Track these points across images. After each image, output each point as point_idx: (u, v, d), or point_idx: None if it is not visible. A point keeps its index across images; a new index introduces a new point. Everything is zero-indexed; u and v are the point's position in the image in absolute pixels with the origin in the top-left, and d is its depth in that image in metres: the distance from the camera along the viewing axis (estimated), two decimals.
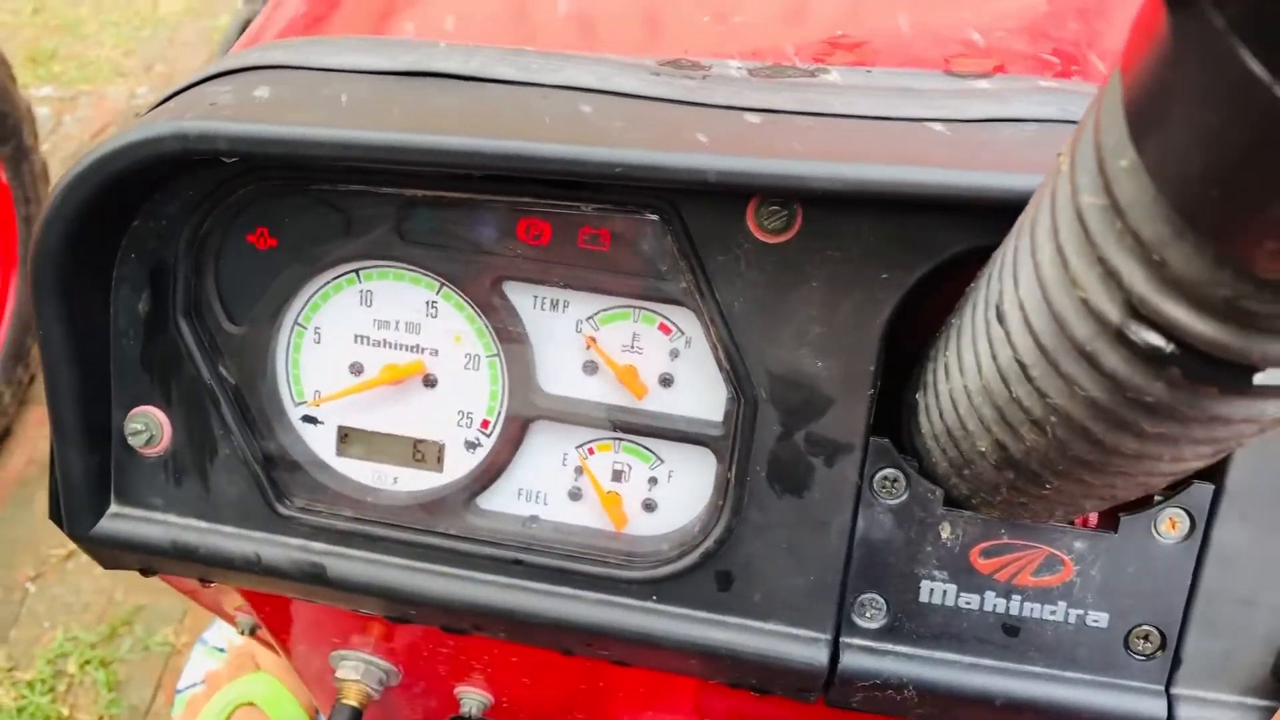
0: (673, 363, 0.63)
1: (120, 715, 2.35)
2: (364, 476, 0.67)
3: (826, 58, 0.63)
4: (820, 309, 0.58)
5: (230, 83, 0.61)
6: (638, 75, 0.60)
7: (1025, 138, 0.54)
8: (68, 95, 3.59)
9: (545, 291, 0.63)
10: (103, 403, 0.66)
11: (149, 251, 0.63)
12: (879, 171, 0.51)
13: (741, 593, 0.62)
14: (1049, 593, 0.60)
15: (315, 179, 0.61)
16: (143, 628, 2.47)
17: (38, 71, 3.64)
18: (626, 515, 0.65)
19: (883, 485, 0.60)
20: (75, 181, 0.57)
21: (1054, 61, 0.63)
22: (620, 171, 0.53)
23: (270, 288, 0.64)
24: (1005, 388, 0.45)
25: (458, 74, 0.60)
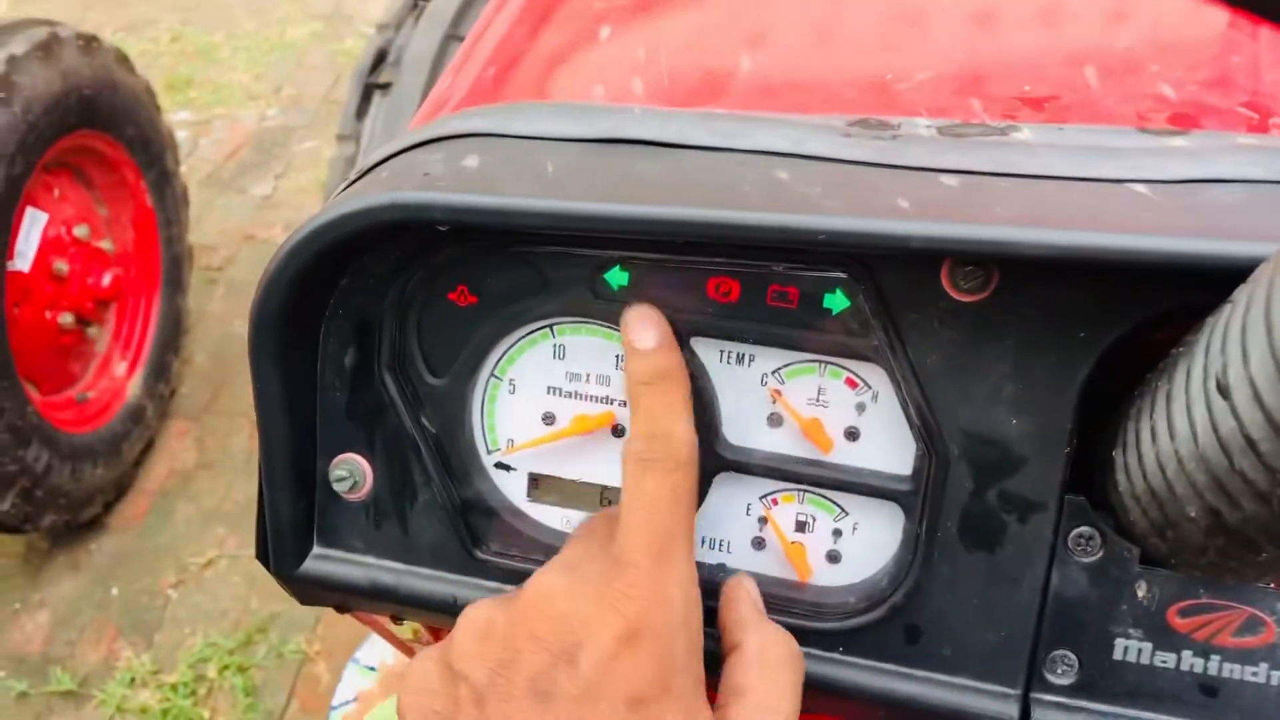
0: (859, 417, 0.64)
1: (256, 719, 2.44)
2: (554, 522, 0.70)
3: (1015, 114, 0.64)
4: (1015, 367, 0.59)
5: (438, 151, 0.64)
6: (829, 137, 0.62)
7: (1234, 201, 0.54)
8: (203, 119, 3.75)
9: (732, 346, 0.64)
10: (309, 451, 0.69)
11: (356, 309, 0.66)
12: (1087, 238, 0.52)
13: (930, 646, 0.63)
14: (1250, 654, 0.59)
15: (516, 241, 0.63)
16: (277, 635, 2.56)
17: (175, 97, 3.80)
18: (811, 566, 0.66)
19: (1077, 543, 0.60)
20: (296, 248, 0.61)
21: (1250, 116, 0.62)
22: (824, 239, 0.54)
23: (469, 342, 0.66)
24: (1226, 459, 0.45)
25: (655, 140, 0.62)
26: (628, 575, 0.56)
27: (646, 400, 0.61)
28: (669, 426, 0.60)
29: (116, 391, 2.80)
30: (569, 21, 0.79)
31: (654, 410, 0.60)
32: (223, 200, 3.49)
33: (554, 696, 0.53)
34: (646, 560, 0.56)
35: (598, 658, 0.54)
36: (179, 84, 3.85)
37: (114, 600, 2.68)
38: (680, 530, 0.58)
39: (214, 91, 3.83)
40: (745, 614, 0.63)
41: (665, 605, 0.56)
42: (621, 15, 0.78)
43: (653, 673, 0.54)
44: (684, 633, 0.56)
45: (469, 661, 0.56)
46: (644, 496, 0.58)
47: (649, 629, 0.55)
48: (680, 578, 0.57)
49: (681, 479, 0.59)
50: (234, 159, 3.61)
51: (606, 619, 0.54)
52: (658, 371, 0.61)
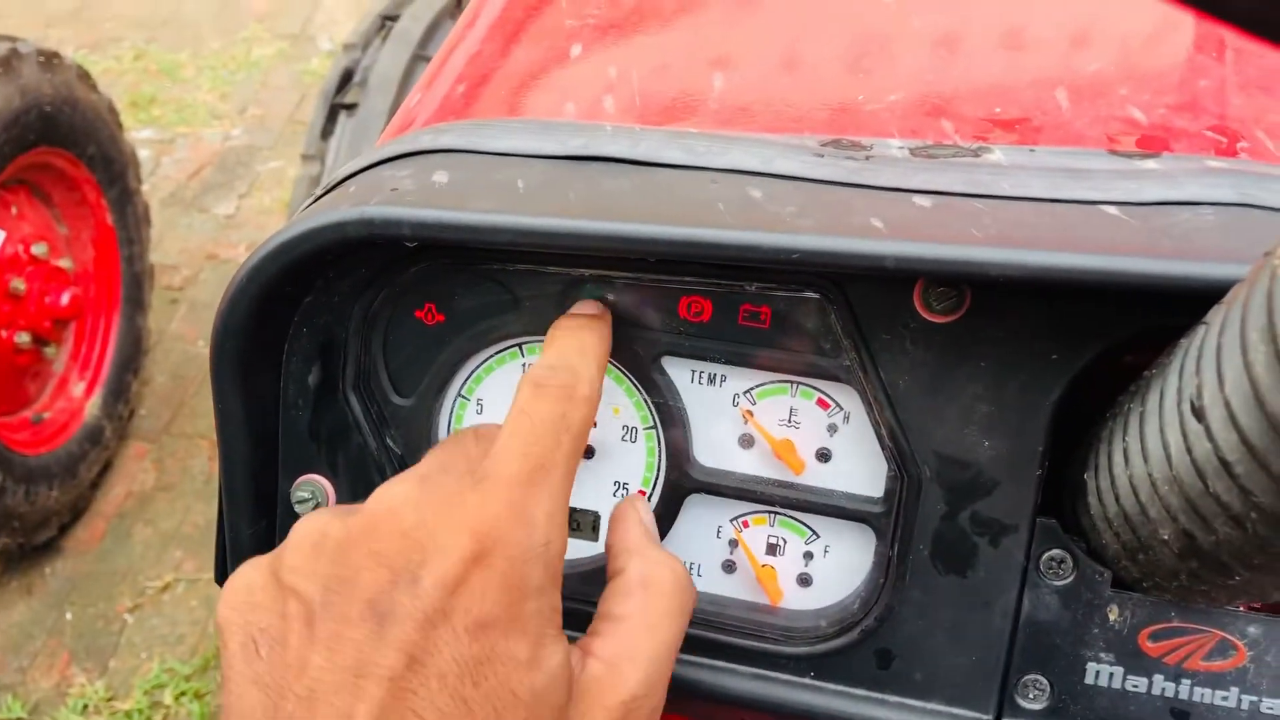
0: (831, 438, 0.63)
1: None
2: None
3: (987, 135, 0.64)
4: (987, 388, 0.58)
5: (407, 166, 0.63)
6: (801, 157, 0.61)
7: (1205, 223, 0.54)
8: (166, 138, 3.71)
9: (704, 366, 0.64)
10: (271, 471, 0.68)
11: (320, 326, 0.65)
12: (1059, 259, 0.51)
13: (902, 671, 0.62)
14: (1221, 678, 0.59)
15: (485, 259, 0.62)
16: None
17: (138, 115, 3.76)
18: (782, 589, 0.65)
19: (1049, 566, 0.60)
20: (261, 264, 0.60)
21: (1219, 139, 0.62)
22: (797, 258, 0.54)
23: (436, 361, 0.65)
24: (1200, 482, 0.45)
25: (626, 158, 0.62)
26: (487, 489, 0.51)
27: (562, 337, 0.58)
28: (576, 362, 0.57)
29: (74, 412, 2.75)
30: (540, 39, 0.78)
31: (567, 346, 0.58)
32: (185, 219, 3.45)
33: (392, 618, 0.48)
34: (514, 478, 0.52)
35: (442, 577, 0.49)
36: (142, 102, 3.81)
37: (68, 625, 2.62)
38: (559, 459, 0.53)
39: (178, 110, 3.80)
40: (633, 539, 0.58)
41: (523, 527, 0.50)
42: (593, 33, 0.78)
43: (501, 597, 0.49)
44: (543, 559, 0.51)
45: (301, 576, 0.51)
46: (529, 416, 0.54)
47: (501, 550, 0.50)
48: (547, 504, 0.52)
49: (573, 411, 0.55)
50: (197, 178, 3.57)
51: (456, 536, 0.50)
52: (583, 321, 0.59)
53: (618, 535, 0.60)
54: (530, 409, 0.54)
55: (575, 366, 0.56)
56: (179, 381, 3.08)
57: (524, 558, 0.50)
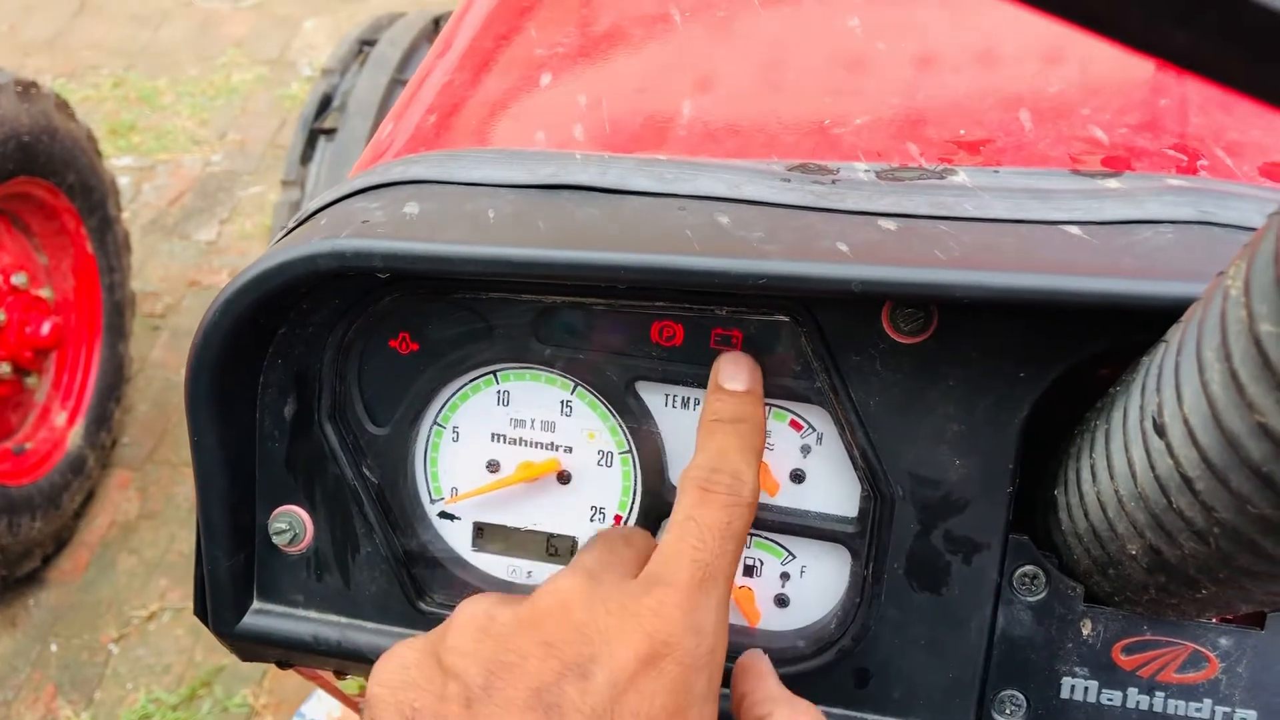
0: (804, 459, 0.64)
1: None
2: (500, 571, 0.69)
3: (952, 157, 0.64)
4: (957, 407, 0.59)
5: (378, 198, 0.63)
6: (769, 182, 0.62)
7: (1166, 242, 0.55)
8: (146, 165, 3.70)
9: (677, 390, 0.64)
10: (248, 503, 0.68)
11: (295, 357, 0.65)
12: (1023, 280, 0.52)
13: (879, 690, 0.63)
14: (1194, 689, 0.60)
15: (458, 288, 0.63)
16: (222, 689, 2.50)
17: (118, 143, 3.75)
18: (759, 610, 0.66)
19: (1022, 582, 0.60)
20: (233, 298, 0.60)
21: (1179, 158, 0.63)
22: (765, 283, 0.55)
23: (411, 390, 0.66)
24: (1164, 498, 0.46)
25: (596, 186, 0.62)
26: (661, 594, 0.51)
27: (722, 437, 0.58)
28: (739, 467, 0.56)
29: (56, 442, 2.74)
30: (510, 68, 0.79)
31: (727, 448, 0.57)
32: (166, 246, 3.44)
33: (559, 710, 0.48)
34: (686, 584, 0.52)
35: (614, 675, 0.48)
36: (122, 129, 3.80)
37: (52, 657, 2.60)
38: (726, 565, 0.54)
39: (157, 137, 3.79)
40: (774, 689, 0.58)
41: (696, 633, 0.51)
42: (563, 62, 0.78)
43: (668, 702, 0.49)
44: (708, 668, 0.51)
45: (463, 657, 0.50)
46: (699, 521, 0.54)
47: (674, 654, 0.50)
48: (715, 612, 0.52)
49: (739, 517, 0.55)
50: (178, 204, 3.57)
51: (630, 635, 0.50)
52: (740, 414, 0.59)
53: (759, 684, 0.59)
54: (698, 515, 0.54)
55: (739, 471, 0.56)
56: (162, 409, 3.07)
57: (693, 665, 0.50)
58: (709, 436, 0.58)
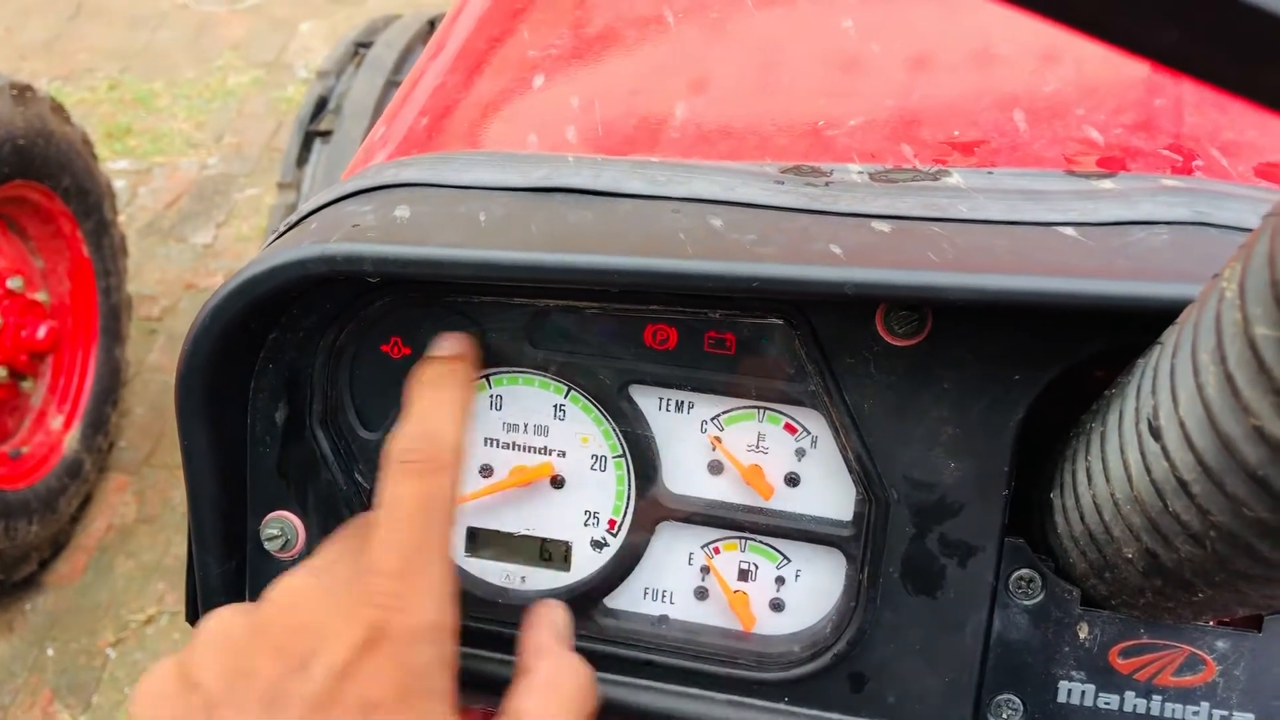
0: (799, 462, 0.63)
1: None
2: (493, 577, 0.68)
3: (946, 158, 0.64)
4: (952, 410, 0.59)
5: (369, 202, 0.63)
6: (762, 184, 0.62)
7: (1161, 243, 0.54)
8: (142, 168, 3.70)
9: (670, 394, 0.64)
10: (239, 509, 0.67)
11: (286, 362, 0.65)
12: (1017, 282, 0.52)
13: (875, 694, 0.62)
14: (1191, 693, 0.59)
15: (450, 292, 0.62)
16: None
17: (114, 146, 3.75)
18: (754, 615, 0.65)
19: (1018, 586, 0.60)
20: (224, 302, 0.60)
21: (1174, 158, 0.63)
22: (758, 286, 0.54)
23: (403, 395, 0.65)
24: (1160, 501, 0.45)
25: (588, 189, 0.62)
26: (371, 581, 0.54)
27: (421, 398, 0.59)
28: (437, 426, 0.58)
29: (53, 446, 2.73)
30: (503, 69, 0.79)
31: (426, 408, 0.59)
32: (163, 249, 3.44)
33: (282, 703, 0.51)
34: (393, 567, 0.55)
35: (331, 664, 0.52)
36: (118, 132, 3.79)
37: (50, 661, 2.60)
38: (433, 538, 0.56)
39: (154, 140, 3.78)
40: (543, 640, 0.61)
41: (407, 613, 0.54)
42: (555, 64, 0.78)
43: (390, 680, 0.52)
44: (429, 643, 0.54)
45: (204, 670, 0.54)
46: (397, 502, 0.56)
47: (389, 636, 0.53)
48: (429, 587, 0.55)
49: (439, 483, 0.57)
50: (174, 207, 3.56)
51: (346, 626, 0.53)
52: (443, 374, 0.60)
53: (529, 638, 0.62)
54: (395, 494, 0.57)
55: (437, 430, 0.58)
56: (158, 412, 3.06)
57: (411, 642, 0.53)
58: (411, 402, 0.60)
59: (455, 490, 0.58)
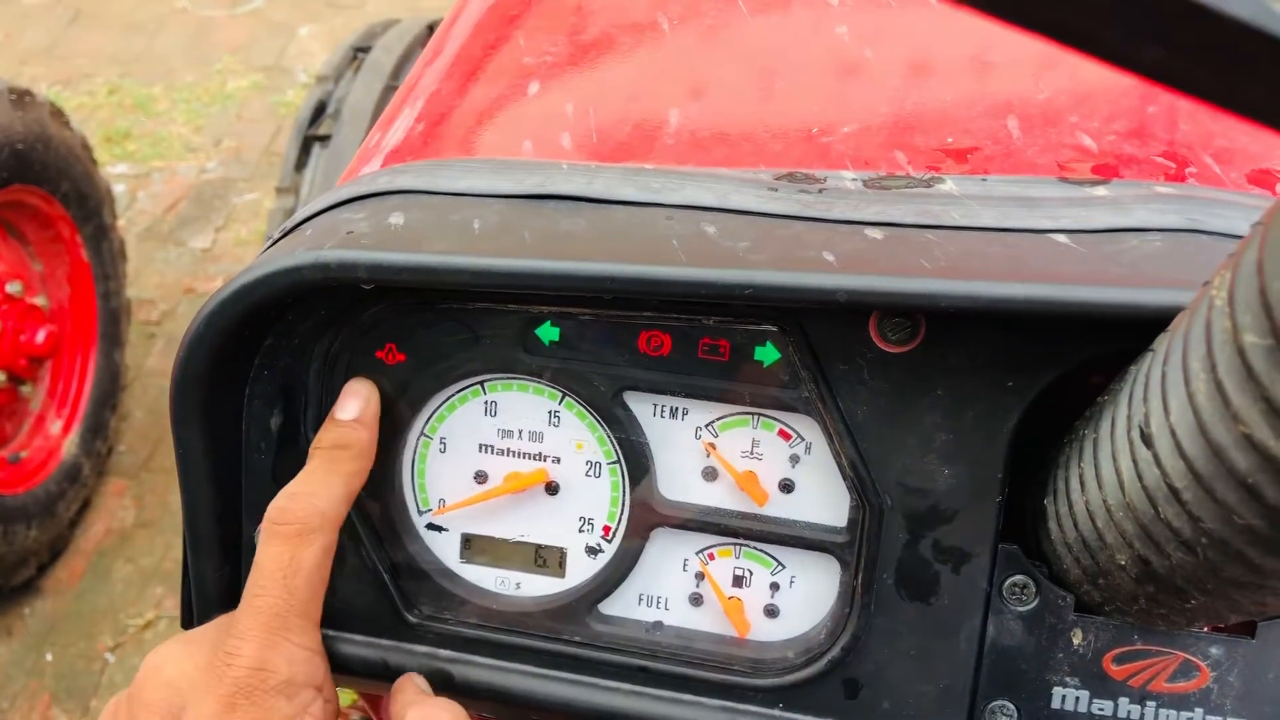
0: (793, 469, 0.63)
1: None
2: (488, 583, 0.68)
3: (939, 165, 0.64)
4: (945, 416, 0.59)
5: (364, 209, 0.63)
6: (755, 191, 0.62)
7: (1153, 250, 0.54)
8: (141, 172, 3.70)
9: (665, 400, 0.64)
10: (234, 515, 0.67)
11: (281, 369, 0.65)
12: (1010, 289, 0.52)
13: (869, 700, 0.62)
14: (1185, 699, 0.59)
15: (444, 298, 0.62)
16: None
17: (113, 150, 3.75)
18: (749, 621, 0.65)
19: (1012, 592, 0.60)
20: (219, 309, 0.60)
21: (1168, 165, 0.63)
22: (750, 293, 0.54)
23: (398, 401, 0.65)
24: (1152, 508, 0.45)
25: (582, 196, 0.62)
26: (232, 644, 0.59)
27: (312, 462, 0.63)
28: (314, 490, 0.62)
29: (51, 450, 2.73)
30: (498, 76, 0.79)
31: (313, 473, 0.63)
32: (162, 253, 3.44)
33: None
34: (253, 629, 0.59)
35: (198, 716, 0.57)
36: (117, 137, 3.80)
37: (48, 666, 2.60)
38: (291, 605, 0.60)
39: (153, 144, 3.79)
40: (410, 694, 0.64)
41: (266, 673, 0.58)
42: (551, 71, 0.78)
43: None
44: (286, 698, 0.59)
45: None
46: (262, 565, 0.60)
47: (247, 695, 0.58)
48: (287, 648, 0.59)
49: (305, 548, 0.60)
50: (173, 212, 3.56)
51: (213, 683, 0.58)
52: (340, 441, 0.63)
53: (397, 698, 0.65)
54: (262, 556, 0.61)
55: (312, 494, 0.62)
56: (157, 417, 3.06)
57: (268, 701, 0.58)
58: (307, 465, 0.64)
59: (325, 555, 0.61)
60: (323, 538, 0.61)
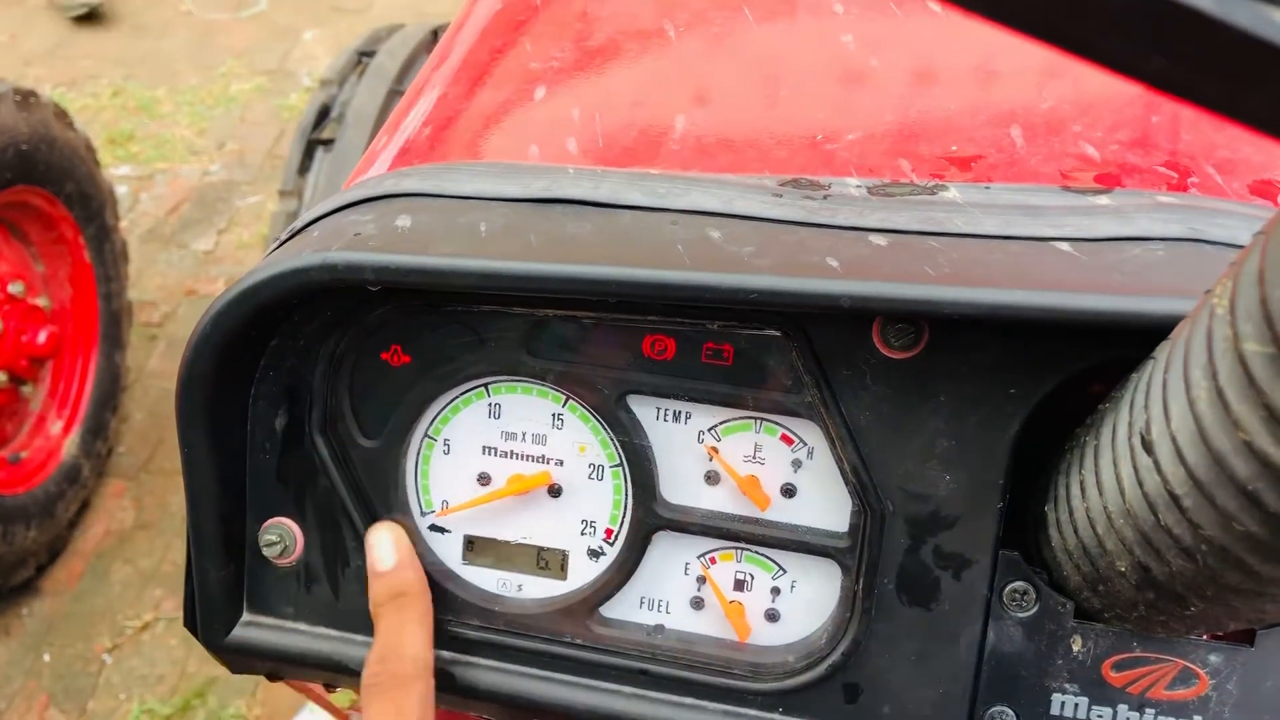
0: (795, 473, 0.64)
1: None
2: (490, 584, 0.69)
3: (943, 173, 0.65)
4: (948, 423, 0.59)
5: (370, 211, 0.63)
6: (760, 197, 0.62)
7: (1155, 259, 0.55)
8: (145, 174, 3.71)
9: (668, 404, 0.64)
10: (238, 515, 0.68)
11: (287, 369, 0.65)
12: (1013, 296, 0.52)
13: (869, 705, 0.63)
14: (1184, 706, 0.60)
15: (450, 300, 0.63)
16: (216, 700, 2.49)
17: (116, 152, 3.76)
18: (750, 625, 0.66)
19: (1012, 598, 0.60)
20: (226, 309, 0.60)
21: (1170, 175, 0.63)
22: (755, 298, 0.55)
23: (403, 403, 0.66)
24: (1152, 515, 0.46)
25: (588, 200, 0.62)
26: None
27: (383, 620, 0.65)
28: (398, 644, 0.64)
29: (51, 451, 2.73)
30: (505, 81, 0.79)
31: (389, 629, 0.65)
32: (164, 255, 3.45)
33: None
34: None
35: None
36: (120, 139, 3.80)
37: (46, 667, 2.60)
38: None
39: (156, 146, 3.79)
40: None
41: None
42: (557, 75, 0.79)
43: None
44: None
45: None
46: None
47: None
48: None
49: (407, 698, 0.62)
50: (176, 214, 3.57)
51: None
52: (393, 589, 0.65)
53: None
54: (368, 715, 0.62)
55: (398, 649, 0.64)
56: (157, 419, 3.07)
57: None
58: (376, 624, 0.66)
59: (427, 701, 0.63)
60: (420, 684, 0.63)
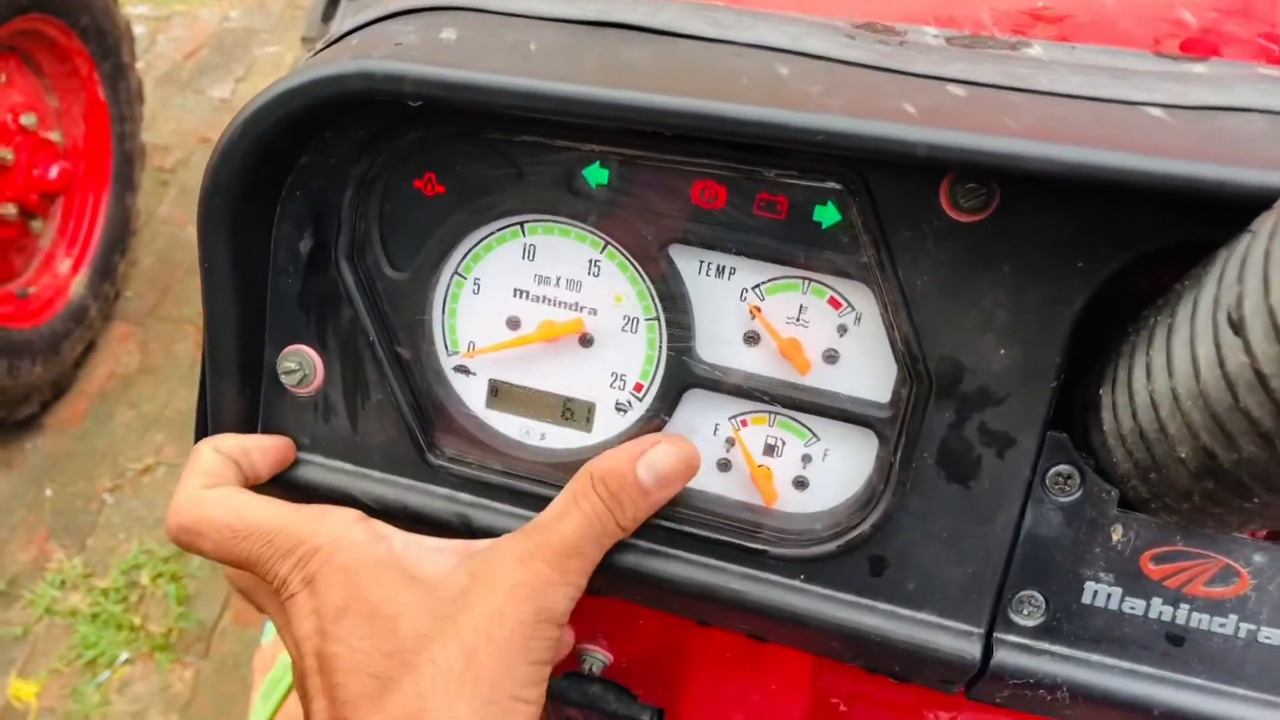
0: (840, 339, 0.61)
1: (189, 629, 2.41)
2: (513, 431, 0.66)
3: (1027, 30, 0.60)
4: (1008, 295, 0.56)
5: (414, 22, 0.59)
6: (832, 37, 0.58)
7: (1254, 130, 0.51)
8: (162, 15, 3.61)
9: (713, 257, 0.61)
10: (257, 339, 0.65)
11: (314, 190, 0.62)
12: (1100, 156, 0.49)
13: (894, 579, 0.61)
14: (1220, 604, 0.58)
15: (490, 127, 0.59)
16: None
17: None
18: (777, 491, 0.64)
19: (1055, 482, 0.58)
20: (256, 114, 0.56)
21: (1272, 48, 0.59)
22: (822, 139, 0.51)
23: (434, 235, 0.62)
24: (1231, 396, 0.43)
25: (646, 26, 0.58)
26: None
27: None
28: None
29: (59, 289, 2.72)
30: None
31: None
32: (179, 100, 3.37)
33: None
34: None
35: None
36: None
37: (47, 501, 2.62)
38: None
39: None
40: None
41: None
42: None
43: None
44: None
45: None
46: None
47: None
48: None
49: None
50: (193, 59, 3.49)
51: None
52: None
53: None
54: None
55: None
56: (166, 265, 3.04)
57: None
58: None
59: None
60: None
